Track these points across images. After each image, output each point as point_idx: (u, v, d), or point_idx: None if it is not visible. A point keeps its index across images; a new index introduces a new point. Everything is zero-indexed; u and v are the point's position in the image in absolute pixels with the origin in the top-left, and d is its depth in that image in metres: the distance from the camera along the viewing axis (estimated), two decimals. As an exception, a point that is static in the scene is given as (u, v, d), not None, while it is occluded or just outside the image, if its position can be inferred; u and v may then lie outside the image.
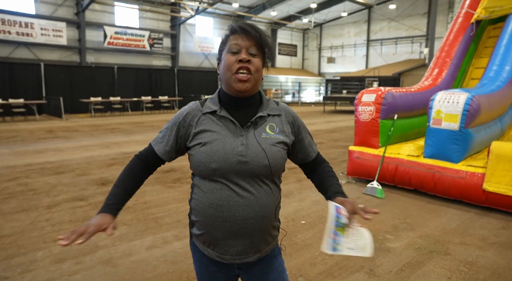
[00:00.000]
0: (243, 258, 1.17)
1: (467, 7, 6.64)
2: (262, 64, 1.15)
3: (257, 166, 1.10)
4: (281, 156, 1.16)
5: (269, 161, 1.11)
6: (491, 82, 5.05)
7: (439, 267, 2.73)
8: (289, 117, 1.22)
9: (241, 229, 1.11)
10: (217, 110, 1.15)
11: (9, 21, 15.78)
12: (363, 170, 4.96)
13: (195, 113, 1.17)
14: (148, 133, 9.78)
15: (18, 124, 11.75)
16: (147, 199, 4.25)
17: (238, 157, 1.08)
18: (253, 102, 1.18)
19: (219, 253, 1.16)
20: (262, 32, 1.13)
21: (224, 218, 1.11)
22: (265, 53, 1.15)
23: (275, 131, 1.16)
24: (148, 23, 21.28)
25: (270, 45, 1.16)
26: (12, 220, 3.55)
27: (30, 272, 2.58)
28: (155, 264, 2.74)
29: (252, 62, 1.10)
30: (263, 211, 1.13)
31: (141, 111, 16.89)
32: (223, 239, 1.14)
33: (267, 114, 1.17)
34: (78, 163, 6.14)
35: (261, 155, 1.10)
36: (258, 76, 1.14)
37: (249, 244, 1.15)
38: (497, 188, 3.78)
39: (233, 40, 1.12)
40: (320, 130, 10.98)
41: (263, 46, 1.13)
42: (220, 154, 1.09)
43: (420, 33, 24.53)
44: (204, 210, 1.13)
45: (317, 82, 32.26)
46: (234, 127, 1.13)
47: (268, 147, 1.12)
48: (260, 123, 1.15)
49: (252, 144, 1.11)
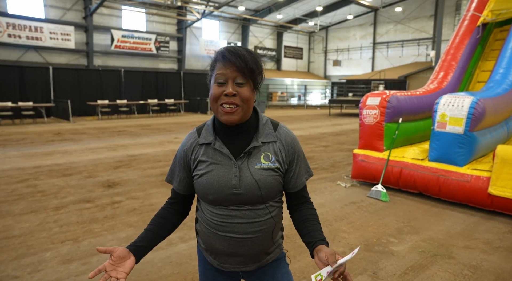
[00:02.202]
0: (242, 267, 1.21)
1: (473, 10, 6.62)
2: (252, 89, 1.11)
3: (250, 197, 1.12)
4: (277, 183, 1.15)
5: (262, 192, 1.12)
6: (497, 85, 5.02)
7: (442, 270, 2.73)
8: (286, 144, 1.17)
9: (240, 243, 1.15)
10: (212, 142, 1.15)
11: (19, 26, 16.07)
12: (368, 173, 4.96)
13: (193, 144, 1.19)
14: (155, 136, 9.87)
15: (27, 126, 11.93)
16: (153, 201, 4.31)
17: (232, 190, 1.11)
18: (247, 129, 1.15)
19: (220, 262, 1.22)
20: (248, 58, 1.07)
21: (224, 232, 1.15)
22: (255, 79, 1.10)
23: (270, 160, 1.14)
24: (155, 27, 21.49)
25: (259, 66, 1.11)
26: (22, 221, 3.62)
27: (39, 272, 2.64)
28: (160, 265, 2.78)
29: (239, 94, 1.07)
30: (262, 227, 1.16)
31: (147, 114, 17.03)
32: (223, 251, 1.18)
33: (261, 143, 1.15)
34: (85, 165, 6.23)
35: (254, 186, 1.11)
36: (247, 106, 1.10)
37: (248, 257, 1.19)
38: (502, 192, 3.76)
39: (219, 69, 1.08)
40: (326, 133, 10.98)
41: (250, 73, 1.08)
42: (214, 187, 1.12)
43: (427, 35, 24.40)
44: (206, 224, 1.19)
45: (323, 85, 32.23)
46: (228, 159, 1.13)
47: (262, 178, 1.12)
48: (254, 153, 1.14)
49: (245, 176, 1.11)
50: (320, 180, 5.39)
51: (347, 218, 3.84)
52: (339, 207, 4.19)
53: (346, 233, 3.43)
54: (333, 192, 4.82)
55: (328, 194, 4.72)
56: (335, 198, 4.56)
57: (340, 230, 3.52)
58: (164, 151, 7.69)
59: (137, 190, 4.79)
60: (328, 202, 4.39)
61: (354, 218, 3.86)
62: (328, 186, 5.08)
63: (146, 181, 5.22)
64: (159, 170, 5.90)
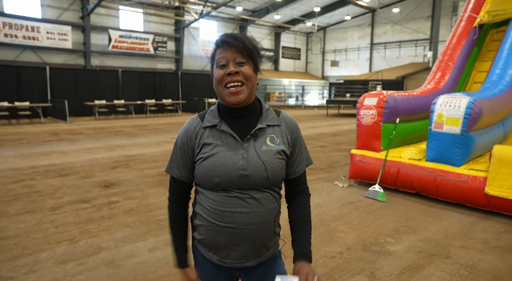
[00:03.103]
0: (244, 262, 1.19)
1: (470, 11, 6.64)
2: (253, 70, 1.15)
3: (257, 179, 1.13)
4: (282, 167, 1.17)
5: (268, 174, 1.13)
6: (493, 86, 5.05)
7: (439, 270, 2.73)
8: (289, 128, 1.22)
9: (243, 234, 1.15)
10: (217, 124, 1.16)
11: (16, 25, 15.99)
12: (365, 173, 4.97)
13: (196, 128, 1.20)
14: (152, 136, 9.85)
15: (24, 127, 11.87)
16: (150, 202, 4.29)
17: (240, 171, 1.11)
18: (252, 112, 1.19)
19: (220, 257, 1.20)
20: (245, 39, 1.13)
21: (226, 223, 1.15)
22: (254, 59, 1.15)
23: (276, 143, 1.17)
24: (153, 27, 21.44)
25: (257, 48, 1.15)
26: (17, 222, 3.60)
27: (35, 273, 2.62)
28: (157, 265, 2.77)
29: (241, 72, 1.11)
30: (265, 218, 1.16)
31: (145, 114, 16.99)
32: (225, 244, 1.17)
33: (267, 125, 1.17)
34: (82, 165, 6.20)
35: (262, 168, 1.12)
36: (251, 84, 1.14)
37: (249, 249, 1.18)
38: (499, 192, 3.77)
39: (219, 54, 1.13)
40: (323, 134, 10.99)
41: (249, 52, 1.13)
42: (222, 169, 1.12)
43: (424, 36, 24.48)
44: (207, 215, 1.17)
45: (320, 86, 32.27)
46: (234, 141, 1.14)
47: (268, 159, 1.14)
48: (260, 135, 1.16)
49: (252, 157, 1.12)
50: (318, 180, 5.39)
51: (344, 218, 3.84)
52: (337, 207, 4.20)
53: (343, 233, 3.43)
54: (330, 192, 4.82)
55: (326, 194, 4.73)
56: (332, 198, 4.56)
57: (337, 230, 3.52)
58: (161, 151, 7.67)
59: (134, 190, 4.77)
60: (326, 202, 4.39)
61: (352, 218, 3.86)
62: (326, 186, 5.08)
63: (143, 181, 5.20)
64: (156, 170, 5.88)
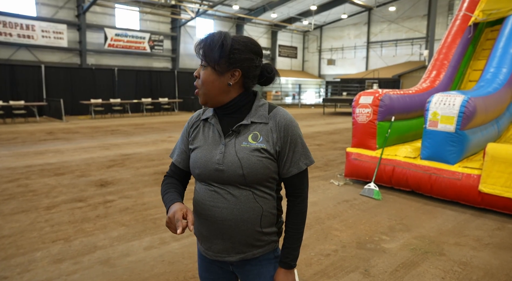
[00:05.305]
0: (224, 257, 1.19)
1: (464, 10, 6.67)
2: (215, 72, 1.10)
3: (232, 175, 1.12)
4: (262, 165, 1.11)
5: (244, 171, 1.10)
6: (488, 85, 5.08)
7: (433, 267, 2.75)
8: (278, 126, 1.14)
9: (221, 229, 1.15)
10: (209, 118, 1.21)
11: (11, 24, 15.88)
12: (361, 171, 4.99)
13: (195, 119, 1.26)
14: (148, 135, 9.82)
15: (19, 126, 11.80)
16: (146, 200, 4.29)
17: (215, 165, 1.13)
18: (235, 110, 1.17)
19: (205, 248, 1.23)
20: (205, 42, 1.10)
21: (205, 216, 1.17)
22: (215, 61, 1.09)
23: (258, 140, 1.13)
24: (149, 25, 21.37)
25: (214, 46, 1.08)
26: (12, 221, 3.58)
27: (29, 272, 2.61)
28: (153, 264, 2.77)
29: (200, 77, 1.15)
30: (243, 215, 1.14)
31: (141, 113, 16.94)
32: (207, 236, 1.20)
33: (251, 122, 1.15)
34: (77, 164, 6.18)
35: (237, 164, 1.10)
36: (207, 88, 1.13)
37: (229, 245, 1.17)
38: (492, 189, 3.80)
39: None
40: (320, 132, 11.02)
41: (205, 56, 1.10)
42: (201, 161, 1.16)
43: (420, 35, 24.58)
44: (195, 206, 1.22)
45: (317, 84, 32.32)
46: (218, 135, 1.17)
47: (245, 156, 1.10)
48: (243, 132, 1.15)
49: (230, 153, 1.12)
50: (314, 178, 5.40)
51: (339, 216, 3.86)
52: (332, 205, 4.21)
53: (338, 231, 3.45)
54: (326, 190, 4.84)
55: (321, 192, 4.74)
56: (328, 196, 4.58)
57: (332, 228, 3.53)
58: (157, 150, 7.65)
59: (130, 189, 4.77)
60: (321, 200, 4.41)
61: (347, 216, 3.88)
62: (321, 184, 5.10)
63: (139, 180, 5.19)
64: (152, 169, 5.87)
